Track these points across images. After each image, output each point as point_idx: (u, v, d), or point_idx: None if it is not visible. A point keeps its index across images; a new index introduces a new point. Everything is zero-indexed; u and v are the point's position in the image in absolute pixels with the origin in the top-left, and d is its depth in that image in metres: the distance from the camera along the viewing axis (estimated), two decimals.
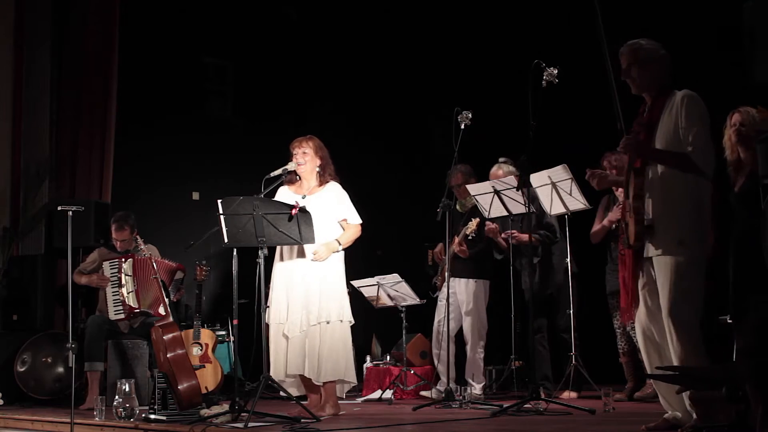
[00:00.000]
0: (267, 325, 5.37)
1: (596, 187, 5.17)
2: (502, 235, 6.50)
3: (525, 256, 6.45)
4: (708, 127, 4.00)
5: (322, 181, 5.51)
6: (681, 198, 3.93)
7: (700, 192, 3.97)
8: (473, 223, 6.46)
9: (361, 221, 5.55)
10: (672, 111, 3.98)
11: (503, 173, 6.49)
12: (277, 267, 5.47)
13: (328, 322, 5.28)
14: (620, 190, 5.95)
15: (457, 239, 6.55)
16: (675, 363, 3.87)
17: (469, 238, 6.50)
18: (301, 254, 5.37)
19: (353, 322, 5.48)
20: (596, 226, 6.40)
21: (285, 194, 5.52)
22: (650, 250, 3.95)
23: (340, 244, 5.41)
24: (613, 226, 6.19)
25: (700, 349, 3.85)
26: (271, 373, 5.26)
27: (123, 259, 6.53)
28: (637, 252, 3.97)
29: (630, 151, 4.00)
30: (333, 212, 5.44)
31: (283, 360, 5.30)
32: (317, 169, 5.50)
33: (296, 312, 5.29)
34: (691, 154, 3.89)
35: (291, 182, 5.57)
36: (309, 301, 5.29)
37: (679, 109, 3.96)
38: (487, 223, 6.52)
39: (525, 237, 6.22)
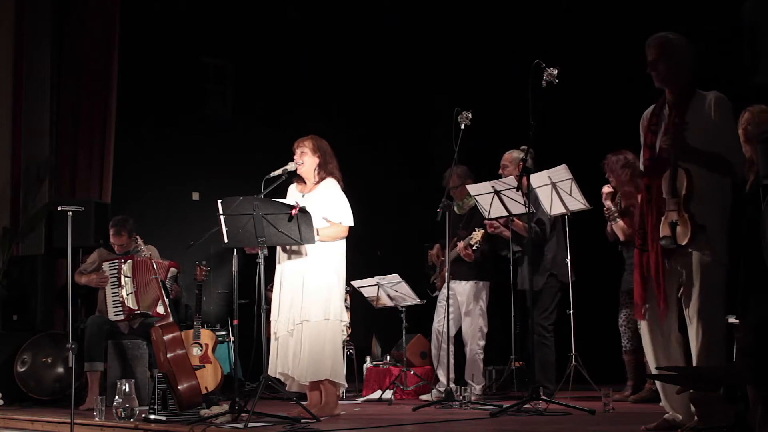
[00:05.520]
0: (267, 325, 5.37)
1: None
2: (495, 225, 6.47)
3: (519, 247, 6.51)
4: (737, 128, 4.00)
5: (320, 178, 5.50)
6: (712, 197, 3.93)
7: (725, 191, 3.99)
8: (478, 235, 6.39)
9: (343, 222, 5.40)
10: (702, 111, 3.95)
11: (512, 158, 6.49)
12: (276, 267, 5.48)
13: (308, 321, 5.23)
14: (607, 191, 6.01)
15: (461, 244, 6.53)
16: (694, 360, 3.86)
17: (474, 248, 6.47)
18: (292, 254, 5.36)
19: (345, 321, 5.44)
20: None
21: (291, 193, 5.54)
22: (683, 249, 3.90)
23: (318, 234, 5.25)
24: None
25: (722, 348, 3.86)
26: (269, 371, 5.26)
27: (122, 261, 6.53)
28: (663, 249, 3.92)
29: (675, 148, 3.92)
30: (321, 210, 5.38)
31: (274, 358, 5.31)
32: (316, 167, 5.50)
33: (284, 311, 5.31)
34: (727, 155, 3.89)
35: (299, 181, 5.58)
36: (294, 300, 5.28)
37: (712, 110, 3.93)
38: (488, 223, 6.49)
39: (520, 224, 6.30)
